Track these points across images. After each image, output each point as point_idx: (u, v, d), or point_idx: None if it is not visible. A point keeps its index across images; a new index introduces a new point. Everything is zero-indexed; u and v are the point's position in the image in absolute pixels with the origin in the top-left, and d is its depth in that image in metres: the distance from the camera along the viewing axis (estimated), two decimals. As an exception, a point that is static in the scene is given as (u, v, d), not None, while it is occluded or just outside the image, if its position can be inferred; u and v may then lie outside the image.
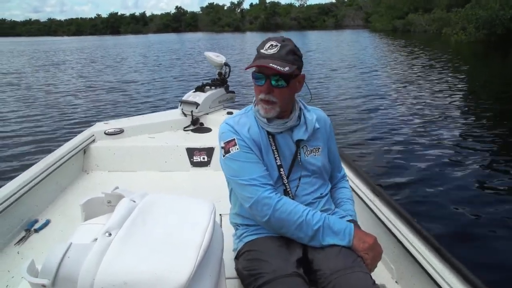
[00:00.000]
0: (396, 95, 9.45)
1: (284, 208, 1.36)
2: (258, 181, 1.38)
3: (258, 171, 1.41)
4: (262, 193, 1.37)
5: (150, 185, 2.80)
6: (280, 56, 1.37)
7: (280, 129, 1.49)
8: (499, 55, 18.87)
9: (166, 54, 26.54)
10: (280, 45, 1.39)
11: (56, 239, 2.06)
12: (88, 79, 14.39)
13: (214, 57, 3.90)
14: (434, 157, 5.13)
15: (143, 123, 3.44)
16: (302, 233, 1.36)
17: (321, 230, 1.36)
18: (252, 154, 1.43)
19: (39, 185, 2.34)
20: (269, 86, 1.40)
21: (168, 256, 0.94)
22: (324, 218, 1.38)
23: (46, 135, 6.82)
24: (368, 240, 1.38)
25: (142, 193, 1.20)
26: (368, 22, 64.46)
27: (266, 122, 1.47)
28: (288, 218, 1.36)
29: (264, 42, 1.44)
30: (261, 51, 1.41)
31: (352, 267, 1.28)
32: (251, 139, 1.46)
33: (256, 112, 1.49)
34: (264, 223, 1.40)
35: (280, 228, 1.39)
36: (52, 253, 0.91)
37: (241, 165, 1.42)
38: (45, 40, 72.60)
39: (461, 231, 3.34)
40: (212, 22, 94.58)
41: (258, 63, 1.38)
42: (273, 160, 1.48)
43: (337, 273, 1.26)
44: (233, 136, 1.45)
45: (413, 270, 1.64)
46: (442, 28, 31.41)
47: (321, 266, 1.32)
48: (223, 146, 1.46)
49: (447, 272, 1.41)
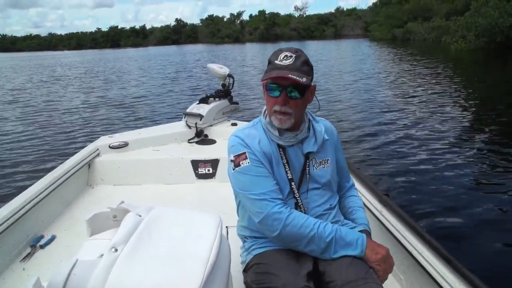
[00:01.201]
0: (398, 104, 9.45)
1: (295, 222, 1.33)
2: (268, 195, 1.36)
3: (268, 185, 1.38)
4: (272, 208, 1.34)
5: (155, 198, 2.79)
6: (296, 67, 1.36)
7: (291, 142, 1.47)
8: (499, 62, 18.94)
9: (168, 66, 26.74)
10: (294, 56, 1.38)
11: (62, 254, 2.03)
12: (90, 93, 14.46)
13: (218, 69, 3.89)
14: (437, 164, 5.11)
15: (147, 136, 3.43)
16: (314, 245, 1.34)
17: (334, 242, 1.34)
18: (263, 168, 1.41)
19: (44, 200, 2.32)
20: (285, 98, 1.38)
21: (175, 272, 0.93)
22: (336, 229, 1.37)
23: (50, 150, 6.83)
24: (381, 251, 1.36)
25: (148, 207, 1.18)
26: (367, 31, 65.01)
27: (277, 135, 1.45)
28: (299, 232, 1.33)
29: (277, 53, 1.41)
30: (276, 62, 1.38)
31: (364, 278, 1.26)
32: (261, 152, 1.43)
33: (267, 125, 1.47)
34: (274, 237, 1.37)
35: (291, 242, 1.37)
36: (58, 270, 0.89)
37: (251, 179, 1.39)
38: (46, 55, 73.33)
39: (472, 240, 3.29)
40: (211, 34, 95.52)
41: (277, 74, 1.35)
42: (284, 173, 1.45)
43: (349, 284, 1.24)
44: (243, 150, 1.42)
45: (423, 281, 1.61)
46: (442, 36, 31.59)
47: (333, 277, 1.29)
48: (233, 159, 1.43)
49: (458, 283, 1.38)
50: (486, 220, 3.62)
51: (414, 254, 1.63)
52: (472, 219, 3.64)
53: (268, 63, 1.42)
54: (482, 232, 3.41)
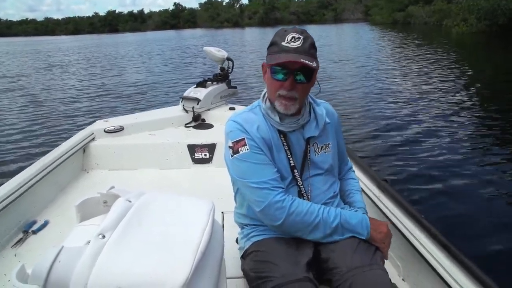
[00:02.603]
0: (398, 89, 9.38)
1: (299, 209, 1.29)
2: (269, 184, 1.30)
3: (269, 173, 1.33)
4: (274, 197, 1.29)
5: (151, 183, 2.77)
6: (305, 50, 1.29)
7: (293, 128, 1.41)
8: (501, 45, 18.77)
9: (166, 51, 26.49)
10: (302, 38, 1.30)
11: (55, 240, 1.99)
12: (87, 78, 14.36)
13: (216, 52, 3.83)
14: (439, 150, 5.07)
15: (143, 120, 3.40)
16: (319, 232, 1.32)
17: (340, 227, 1.32)
18: (263, 155, 1.34)
19: (37, 185, 2.29)
20: (293, 82, 1.32)
21: (164, 258, 0.90)
22: (340, 213, 1.34)
23: (45, 135, 6.78)
24: (383, 228, 1.36)
25: (139, 193, 1.15)
26: (367, 15, 64.31)
27: (278, 121, 1.39)
28: (304, 220, 1.30)
29: (282, 34, 1.33)
30: (283, 44, 1.30)
31: (370, 264, 1.25)
32: (261, 139, 1.36)
33: (267, 110, 1.41)
34: (276, 227, 1.32)
35: (295, 230, 1.33)
36: (43, 258, 0.87)
37: (251, 166, 1.33)
38: (43, 40, 72.49)
39: (471, 226, 3.26)
40: (210, 18, 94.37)
41: (288, 58, 1.27)
42: (286, 160, 1.40)
43: (354, 270, 1.22)
44: (242, 135, 1.35)
45: (420, 267, 1.59)
46: (443, 20, 31.30)
47: (338, 264, 1.27)
48: (231, 145, 1.36)
49: (455, 270, 1.37)
50: (486, 207, 3.59)
51: (412, 241, 1.61)
52: (471, 206, 3.62)
53: (272, 44, 1.34)
54: (481, 219, 3.37)
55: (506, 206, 3.60)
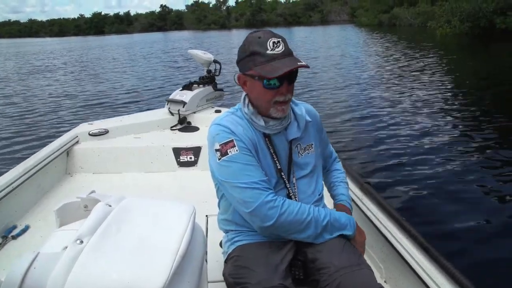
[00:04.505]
0: (383, 89, 9.47)
1: (291, 209, 1.29)
2: (260, 184, 1.28)
3: (259, 174, 1.31)
4: (266, 197, 1.27)
5: (135, 187, 2.74)
6: (289, 52, 1.29)
7: (278, 130, 1.40)
8: (483, 47, 19.12)
9: (152, 53, 26.26)
10: (281, 40, 1.30)
11: (35, 246, 1.95)
12: (72, 81, 14.14)
13: (202, 55, 3.82)
14: (420, 151, 5.11)
15: (128, 123, 3.37)
16: (310, 231, 1.31)
17: (329, 225, 1.34)
18: (252, 156, 1.33)
19: (19, 189, 2.24)
20: (287, 86, 1.31)
21: (142, 264, 0.90)
22: (329, 212, 1.36)
23: (28, 138, 6.64)
24: (363, 233, 1.45)
25: (119, 197, 1.15)
26: (353, 17, 64.82)
27: (263, 125, 1.38)
28: (296, 219, 1.29)
29: (260, 42, 1.28)
30: (268, 52, 1.26)
31: (358, 264, 1.26)
32: (248, 140, 1.35)
33: (251, 115, 1.39)
34: (266, 227, 1.29)
35: (285, 230, 1.31)
36: (17, 264, 0.85)
37: (241, 167, 1.30)
38: (27, 42, 71.23)
39: (450, 229, 3.29)
40: (197, 20, 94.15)
41: (290, 67, 1.23)
42: (272, 163, 1.39)
43: (343, 270, 1.23)
44: (230, 137, 1.32)
45: (402, 269, 1.61)
46: (427, 22, 31.66)
47: (326, 264, 1.27)
48: (218, 148, 1.32)
49: (435, 272, 1.39)
50: (465, 208, 3.61)
51: (394, 243, 1.62)
52: (451, 207, 3.64)
53: (253, 54, 1.29)
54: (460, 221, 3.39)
55: (486, 208, 3.64)
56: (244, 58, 1.33)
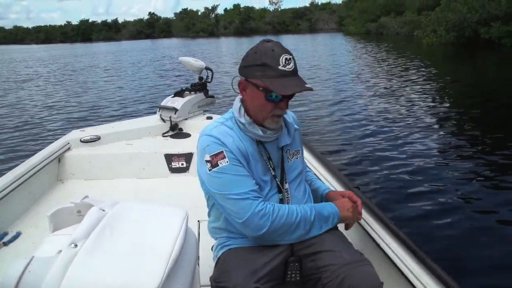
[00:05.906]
0: (369, 98, 9.57)
1: (281, 213, 1.32)
2: (250, 194, 1.31)
3: (250, 184, 1.33)
4: (257, 207, 1.29)
5: (127, 193, 2.74)
6: (297, 71, 1.35)
7: (273, 137, 1.44)
8: (468, 56, 19.52)
9: (142, 60, 26.21)
10: (292, 57, 1.32)
11: (27, 252, 1.93)
12: (61, 89, 14.00)
13: (193, 62, 3.83)
14: (407, 156, 5.18)
15: (120, 129, 3.37)
16: (301, 229, 1.35)
17: (316, 220, 1.38)
18: (242, 167, 1.34)
19: (10, 195, 2.23)
20: (287, 102, 1.38)
21: (135, 267, 0.91)
22: (314, 207, 1.41)
23: (19, 145, 6.58)
24: (347, 204, 1.48)
25: (113, 202, 1.16)
26: (341, 26, 65.75)
27: (261, 134, 1.40)
28: (287, 222, 1.32)
29: (274, 55, 1.30)
30: (280, 68, 1.29)
31: (361, 260, 1.30)
32: (238, 151, 1.36)
33: (246, 125, 1.39)
34: (259, 236, 1.31)
35: (277, 235, 1.33)
36: (12, 268, 0.85)
37: (231, 178, 1.31)
38: (13, 49, 70.53)
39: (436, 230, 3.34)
40: (186, 28, 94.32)
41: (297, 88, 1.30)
42: (265, 170, 1.42)
43: (346, 266, 1.25)
44: (220, 148, 1.33)
45: (391, 272, 1.61)
46: (414, 31, 32.25)
47: (328, 261, 1.30)
48: (208, 159, 1.33)
49: (423, 274, 1.40)
50: (452, 209, 3.67)
51: (382, 246, 1.63)
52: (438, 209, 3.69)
53: (264, 65, 1.29)
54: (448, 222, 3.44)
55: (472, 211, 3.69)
56: (253, 66, 1.33)
